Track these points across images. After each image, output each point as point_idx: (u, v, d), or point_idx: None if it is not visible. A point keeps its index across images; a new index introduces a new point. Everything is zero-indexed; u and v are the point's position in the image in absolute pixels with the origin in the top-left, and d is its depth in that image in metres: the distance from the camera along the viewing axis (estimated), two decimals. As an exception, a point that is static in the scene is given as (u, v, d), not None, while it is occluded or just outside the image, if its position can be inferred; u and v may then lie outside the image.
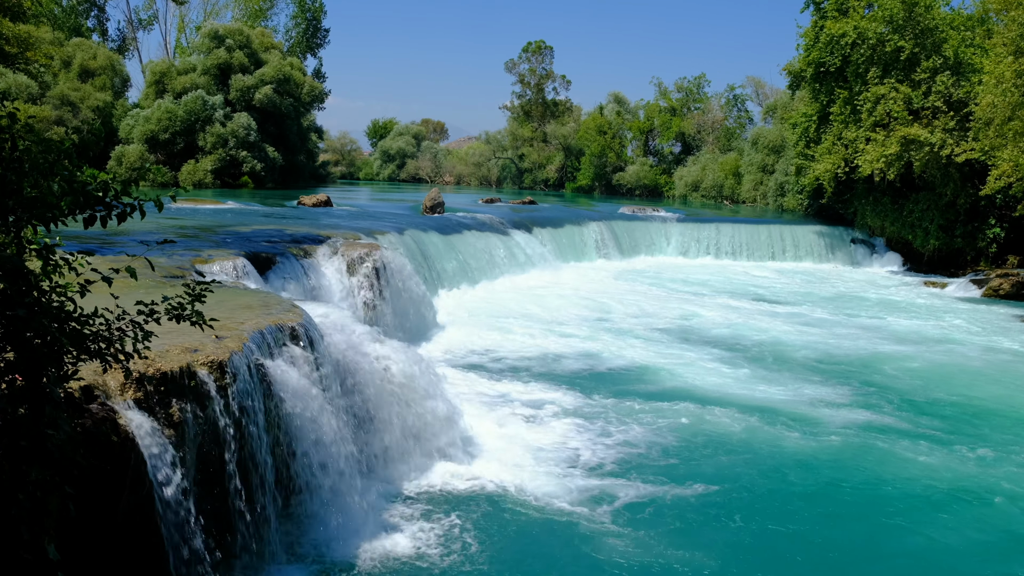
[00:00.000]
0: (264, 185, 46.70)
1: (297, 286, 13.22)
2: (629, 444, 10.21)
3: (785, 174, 43.22)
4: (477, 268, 22.25)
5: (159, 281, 9.50)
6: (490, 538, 7.63)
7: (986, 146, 24.62)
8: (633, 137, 68.89)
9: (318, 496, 7.41)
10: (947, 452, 10.34)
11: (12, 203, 3.83)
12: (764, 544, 7.84)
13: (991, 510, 8.74)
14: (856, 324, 19.24)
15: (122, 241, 13.31)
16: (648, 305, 20.50)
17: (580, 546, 7.58)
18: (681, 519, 8.20)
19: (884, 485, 9.27)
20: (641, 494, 8.70)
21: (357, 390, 8.83)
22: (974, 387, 13.73)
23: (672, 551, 7.49)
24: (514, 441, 10.08)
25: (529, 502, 8.41)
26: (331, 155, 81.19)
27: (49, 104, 43.44)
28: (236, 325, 7.42)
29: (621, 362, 14.48)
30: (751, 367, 14.47)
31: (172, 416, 5.89)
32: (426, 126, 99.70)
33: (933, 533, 8.16)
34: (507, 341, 15.65)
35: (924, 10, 28.73)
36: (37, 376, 3.91)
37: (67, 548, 4.59)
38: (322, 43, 67.42)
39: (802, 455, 10.10)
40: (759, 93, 62.69)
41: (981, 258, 29.26)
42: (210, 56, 48.35)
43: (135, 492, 5.45)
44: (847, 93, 30.59)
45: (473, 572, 7.04)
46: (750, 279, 27.04)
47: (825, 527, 8.23)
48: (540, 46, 73.30)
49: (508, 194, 57.34)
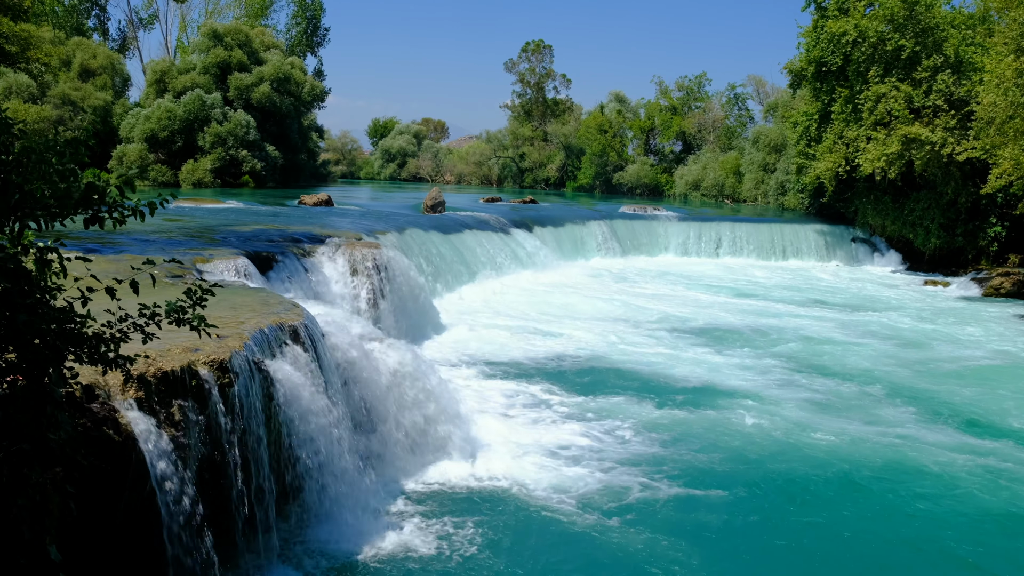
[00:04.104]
0: (265, 184, 46.69)
1: (298, 285, 13.22)
2: (632, 444, 10.20)
3: (786, 173, 43.20)
4: (478, 267, 22.25)
5: (161, 281, 9.49)
6: (491, 537, 7.62)
7: (987, 145, 24.59)
8: (634, 136, 68.82)
9: (318, 495, 7.41)
10: (958, 450, 10.33)
11: (15, 202, 3.82)
12: (770, 546, 7.83)
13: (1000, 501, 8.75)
14: (857, 324, 19.22)
15: (122, 241, 13.32)
16: (650, 304, 20.50)
17: (582, 546, 7.58)
18: (683, 519, 8.19)
19: (897, 488, 9.27)
20: (644, 494, 8.69)
21: (358, 389, 8.83)
22: (975, 386, 13.72)
23: (672, 551, 7.49)
24: (515, 440, 10.08)
25: (531, 501, 8.41)
26: (332, 154, 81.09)
27: (50, 104, 43.44)
28: (237, 324, 7.42)
29: (625, 361, 14.47)
30: (753, 365, 14.47)
31: (173, 415, 5.89)
32: (427, 125, 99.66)
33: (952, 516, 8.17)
34: (508, 340, 15.64)
35: (925, 9, 28.71)
36: (38, 376, 3.91)
37: (68, 548, 4.59)
38: (322, 42, 67.45)
39: (812, 456, 10.09)
40: (760, 92, 62.65)
41: (982, 257, 29.23)
42: (209, 55, 48.33)
43: (136, 491, 5.45)
44: (848, 92, 30.57)
45: (473, 571, 7.04)
46: (750, 278, 27.03)
47: (839, 528, 8.22)
48: (540, 45, 73.23)
49: (509, 193, 57.32)
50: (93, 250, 11.71)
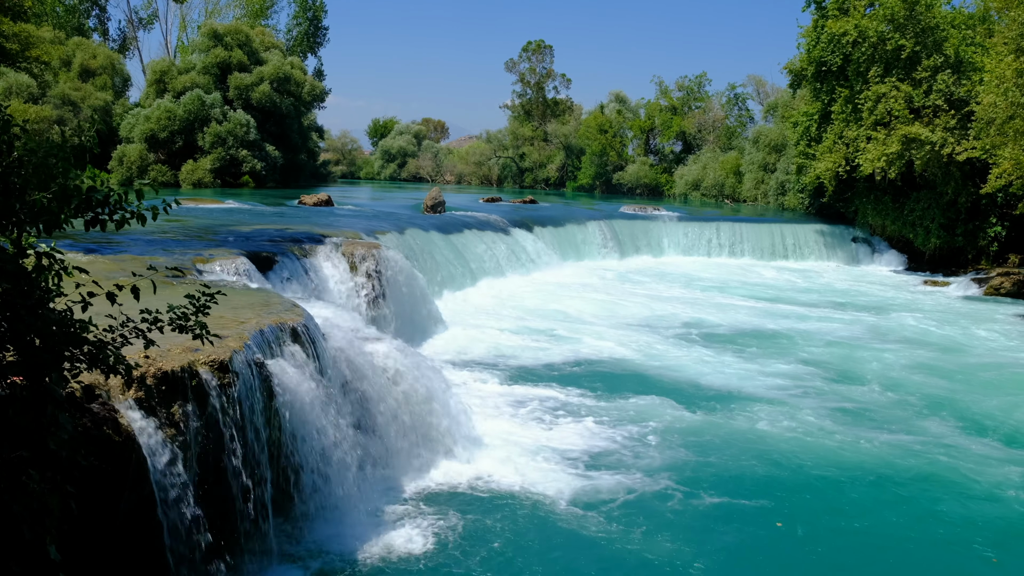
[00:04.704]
0: (265, 184, 46.68)
1: (298, 285, 13.22)
2: (632, 444, 10.20)
3: (786, 173, 43.18)
4: (478, 267, 22.25)
5: (161, 281, 9.49)
6: (491, 537, 7.63)
7: (987, 145, 24.59)
8: (634, 136, 68.80)
9: (319, 495, 7.42)
10: (958, 450, 10.34)
11: (17, 205, 3.83)
12: (772, 546, 7.84)
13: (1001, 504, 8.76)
14: (857, 324, 19.22)
15: (123, 241, 13.32)
16: (651, 304, 20.50)
17: (582, 545, 7.58)
18: (683, 519, 8.20)
19: (898, 488, 9.28)
20: (644, 494, 8.69)
21: (358, 389, 8.84)
22: (976, 386, 13.72)
23: (673, 551, 7.49)
24: (515, 440, 10.08)
25: (530, 501, 8.41)
26: (332, 154, 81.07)
27: (50, 104, 43.44)
28: (237, 324, 7.43)
29: (625, 361, 14.47)
30: (757, 364, 14.47)
31: (173, 415, 5.90)
32: (427, 125, 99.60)
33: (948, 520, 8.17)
34: (508, 340, 15.64)
35: (925, 8, 28.71)
36: (39, 377, 3.92)
37: (68, 548, 4.60)
38: (323, 42, 67.45)
39: (813, 455, 10.09)
40: (760, 92, 62.64)
41: (982, 257, 29.22)
42: (209, 55, 48.33)
43: (136, 491, 5.46)
44: (848, 92, 30.57)
45: (473, 571, 7.04)
46: (751, 278, 27.02)
47: (837, 528, 8.23)
48: (540, 45, 73.22)
49: (509, 193, 57.30)
50: (93, 250, 11.72)
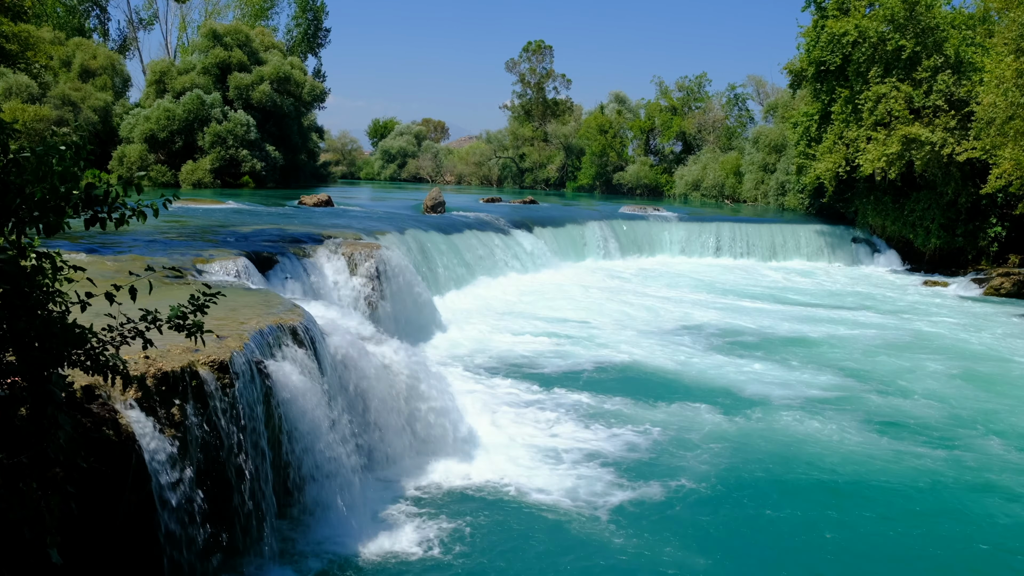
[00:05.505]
0: (265, 185, 46.67)
1: (298, 286, 13.22)
2: (632, 443, 10.20)
3: (786, 173, 43.19)
4: (478, 267, 22.25)
5: (161, 281, 9.49)
6: (490, 537, 7.63)
7: (987, 145, 24.60)
8: (634, 136, 68.79)
9: (318, 495, 7.42)
10: (955, 450, 10.34)
11: (16, 204, 3.82)
12: (769, 544, 7.84)
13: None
14: (858, 323, 19.23)
15: (123, 240, 13.32)
16: (651, 304, 20.50)
17: (581, 545, 7.58)
18: (683, 518, 8.20)
19: (893, 487, 9.28)
20: (643, 493, 8.69)
21: (357, 389, 8.83)
22: (976, 387, 13.72)
23: (673, 551, 7.49)
24: (514, 440, 10.08)
25: (529, 501, 8.41)
26: (332, 155, 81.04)
27: (50, 104, 43.43)
28: (237, 324, 7.43)
29: (624, 361, 14.46)
30: (758, 364, 14.48)
31: (173, 416, 5.90)
32: (427, 125, 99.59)
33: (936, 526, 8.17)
34: (508, 340, 15.64)
35: (925, 9, 28.72)
36: (39, 378, 3.91)
37: (68, 548, 4.60)
38: (323, 43, 67.45)
39: (814, 455, 10.10)
40: (760, 92, 62.63)
41: (982, 257, 29.23)
42: (209, 55, 48.31)
43: (136, 492, 5.45)
44: (848, 92, 30.57)
45: (473, 571, 7.04)
46: (751, 278, 27.03)
47: (832, 528, 8.22)
48: (540, 45, 73.21)
49: (509, 193, 57.30)
50: (94, 250, 11.72)
